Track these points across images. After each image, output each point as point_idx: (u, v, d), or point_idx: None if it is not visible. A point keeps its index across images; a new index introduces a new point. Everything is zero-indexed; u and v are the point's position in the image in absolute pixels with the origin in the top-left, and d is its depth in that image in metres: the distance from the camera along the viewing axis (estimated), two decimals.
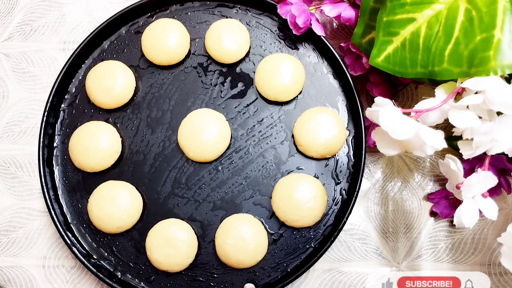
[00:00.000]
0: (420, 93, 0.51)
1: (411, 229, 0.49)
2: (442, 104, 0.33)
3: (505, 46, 0.31)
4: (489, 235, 0.48)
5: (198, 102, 0.49)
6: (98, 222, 0.45)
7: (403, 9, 0.36)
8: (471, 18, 0.33)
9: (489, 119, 0.33)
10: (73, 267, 0.49)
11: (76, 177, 0.48)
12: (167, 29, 0.48)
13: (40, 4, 0.55)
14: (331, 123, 0.45)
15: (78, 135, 0.47)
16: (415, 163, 0.50)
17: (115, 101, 0.48)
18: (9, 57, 0.54)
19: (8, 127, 0.52)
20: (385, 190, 0.50)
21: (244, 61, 0.49)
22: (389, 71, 0.37)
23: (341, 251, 0.48)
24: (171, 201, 0.47)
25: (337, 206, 0.46)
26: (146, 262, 0.45)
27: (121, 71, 0.48)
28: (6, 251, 0.50)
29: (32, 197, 0.51)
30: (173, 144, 0.48)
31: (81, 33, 0.54)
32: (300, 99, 0.48)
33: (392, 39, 0.37)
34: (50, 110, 0.48)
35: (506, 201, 0.49)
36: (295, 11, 0.45)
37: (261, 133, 0.48)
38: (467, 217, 0.35)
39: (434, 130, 0.32)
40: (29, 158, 0.51)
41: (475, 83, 0.32)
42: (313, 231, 0.46)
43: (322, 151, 0.45)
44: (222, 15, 0.50)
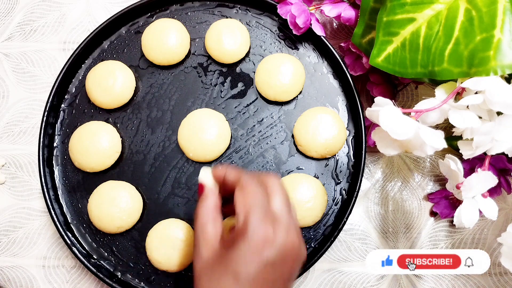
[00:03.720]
0: (420, 93, 0.51)
1: (411, 229, 0.49)
2: (442, 104, 0.33)
3: (505, 46, 0.31)
4: (489, 235, 0.48)
5: (198, 102, 0.49)
6: (98, 222, 0.45)
7: (403, 9, 0.36)
8: (471, 18, 0.33)
9: (489, 119, 0.33)
10: (73, 267, 0.49)
11: (76, 177, 0.48)
12: (167, 29, 0.48)
13: (40, 4, 0.55)
14: (331, 123, 0.45)
15: (78, 135, 0.47)
16: (415, 163, 0.50)
17: (115, 101, 0.48)
18: (9, 57, 0.54)
19: (8, 127, 0.52)
20: (385, 190, 0.50)
21: (244, 61, 0.49)
22: (389, 71, 0.37)
23: (341, 251, 0.48)
24: (171, 201, 0.47)
25: (337, 206, 0.46)
26: (146, 262, 0.45)
27: (121, 71, 0.48)
28: (6, 251, 0.50)
29: (32, 197, 0.51)
30: (173, 144, 0.48)
31: (81, 33, 0.54)
32: (300, 99, 0.48)
33: (392, 39, 0.37)
34: (50, 110, 0.48)
35: (506, 201, 0.49)
36: (295, 11, 0.45)
37: (261, 133, 0.48)
38: (467, 217, 0.35)
39: (434, 130, 0.32)
40: (29, 158, 0.51)
41: (475, 83, 0.32)
42: (313, 231, 0.46)
43: (322, 151, 0.45)
44: (222, 15, 0.50)
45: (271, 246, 0.30)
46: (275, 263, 0.30)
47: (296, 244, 0.31)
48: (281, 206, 0.32)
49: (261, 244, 0.29)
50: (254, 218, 0.30)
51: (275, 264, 0.30)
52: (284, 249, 0.30)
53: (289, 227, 0.31)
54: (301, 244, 0.32)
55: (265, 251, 0.29)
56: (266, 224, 0.30)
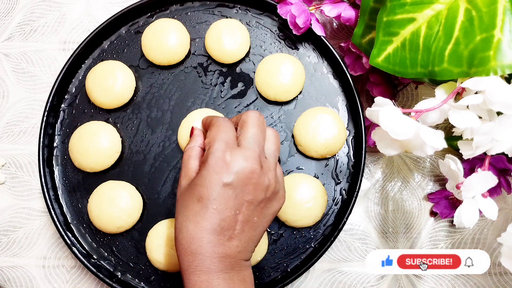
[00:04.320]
0: (420, 93, 0.51)
1: (411, 229, 0.49)
2: (442, 104, 0.33)
3: (505, 46, 0.31)
4: (489, 235, 0.48)
5: (198, 102, 0.49)
6: (98, 222, 0.45)
7: (403, 9, 0.36)
8: (471, 18, 0.33)
9: (489, 119, 0.33)
10: (73, 267, 0.49)
11: (76, 177, 0.48)
12: (167, 29, 0.48)
13: (40, 4, 0.55)
14: (331, 123, 0.45)
15: (78, 135, 0.47)
16: (415, 163, 0.50)
17: (115, 101, 0.48)
18: (9, 57, 0.54)
19: (8, 127, 0.52)
20: (385, 190, 0.50)
21: (244, 61, 0.49)
22: (389, 71, 0.37)
23: (341, 251, 0.48)
24: (171, 201, 0.47)
25: (337, 206, 0.46)
26: (146, 262, 0.45)
27: (121, 71, 0.48)
28: (6, 251, 0.50)
29: (32, 197, 0.51)
30: (173, 144, 0.48)
31: (81, 33, 0.54)
32: (300, 99, 0.48)
33: (392, 39, 0.37)
34: (50, 110, 0.48)
35: (506, 201, 0.49)
36: (295, 11, 0.45)
37: None
38: (467, 217, 0.35)
39: (434, 130, 0.32)
40: (29, 158, 0.51)
41: (475, 83, 0.32)
42: (313, 231, 0.46)
43: (322, 151, 0.45)
44: (222, 15, 0.50)
45: (228, 170, 0.33)
46: (232, 185, 0.33)
47: (256, 170, 0.33)
48: (247, 138, 0.35)
49: (218, 168, 0.33)
50: (215, 148, 0.34)
51: (233, 186, 0.33)
52: (242, 174, 0.33)
53: (249, 155, 0.34)
54: (264, 174, 0.34)
55: (222, 174, 0.33)
56: (225, 152, 0.33)
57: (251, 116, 0.36)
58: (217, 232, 0.33)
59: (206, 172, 0.33)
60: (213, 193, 0.33)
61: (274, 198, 0.36)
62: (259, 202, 0.34)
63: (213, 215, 0.33)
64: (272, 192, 0.35)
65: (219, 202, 0.33)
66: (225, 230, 0.33)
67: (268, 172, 0.35)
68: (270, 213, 0.36)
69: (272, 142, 0.37)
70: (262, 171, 0.34)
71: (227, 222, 0.33)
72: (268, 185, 0.34)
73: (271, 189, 0.35)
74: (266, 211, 0.35)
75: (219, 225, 0.33)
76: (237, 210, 0.33)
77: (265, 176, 0.34)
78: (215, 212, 0.33)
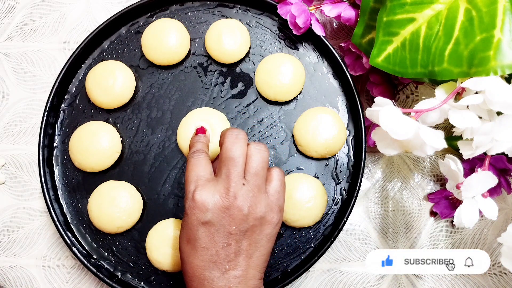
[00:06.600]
0: (420, 93, 0.51)
1: (411, 229, 0.49)
2: (442, 104, 0.33)
3: (505, 46, 0.31)
4: (489, 235, 0.48)
5: (198, 102, 0.49)
6: (98, 222, 0.45)
7: (403, 9, 0.36)
8: (471, 18, 0.33)
9: (489, 119, 0.33)
10: (73, 267, 0.49)
11: (76, 177, 0.48)
12: (167, 29, 0.48)
13: (40, 4, 0.55)
14: (331, 123, 0.45)
15: (78, 135, 0.47)
16: (415, 163, 0.50)
17: (115, 101, 0.48)
18: (9, 57, 0.54)
19: (8, 127, 0.52)
20: (385, 190, 0.50)
21: (244, 61, 0.49)
22: (389, 71, 0.37)
23: (341, 251, 0.48)
24: (171, 201, 0.47)
25: (337, 206, 0.46)
26: (146, 262, 0.45)
27: (121, 71, 0.48)
28: (6, 251, 0.50)
29: (32, 197, 0.51)
30: (173, 144, 0.48)
31: (81, 33, 0.54)
32: (300, 99, 0.48)
33: (392, 39, 0.37)
34: (50, 110, 0.48)
35: (506, 201, 0.49)
36: (295, 11, 0.45)
37: (261, 133, 0.48)
38: (467, 217, 0.35)
39: (434, 130, 0.32)
40: (29, 158, 0.51)
41: (475, 83, 0.32)
42: (313, 231, 0.46)
43: (322, 151, 0.45)
44: (222, 15, 0.50)
45: (202, 209, 0.34)
46: (211, 222, 0.34)
47: (226, 203, 0.34)
48: (221, 168, 0.35)
49: (193, 210, 0.34)
50: (187, 190, 0.35)
51: (212, 223, 0.34)
52: (216, 209, 0.34)
53: (217, 189, 0.34)
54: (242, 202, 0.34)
55: (199, 215, 0.34)
56: (194, 193, 0.34)
57: (224, 142, 0.36)
58: (211, 267, 0.34)
59: (186, 216, 0.35)
60: (197, 233, 0.34)
61: (263, 223, 0.35)
62: (245, 231, 0.34)
63: (203, 252, 0.34)
64: (256, 218, 0.34)
65: (205, 240, 0.34)
66: (218, 264, 0.34)
67: (247, 199, 0.34)
68: (263, 238, 0.35)
69: (254, 161, 0.35)
70: (237, 201, 0.34)
71: (219, 256, 0.34)
72: (247, 213, 0.34)
73: (253, 216, 0.34)
74: (257, 236, 0.35)
75: (211, 261, 0.34)
76: (224, 243, 0.34)
77: (242, 204, 0.34)
78: (204, 250, 0.34)
